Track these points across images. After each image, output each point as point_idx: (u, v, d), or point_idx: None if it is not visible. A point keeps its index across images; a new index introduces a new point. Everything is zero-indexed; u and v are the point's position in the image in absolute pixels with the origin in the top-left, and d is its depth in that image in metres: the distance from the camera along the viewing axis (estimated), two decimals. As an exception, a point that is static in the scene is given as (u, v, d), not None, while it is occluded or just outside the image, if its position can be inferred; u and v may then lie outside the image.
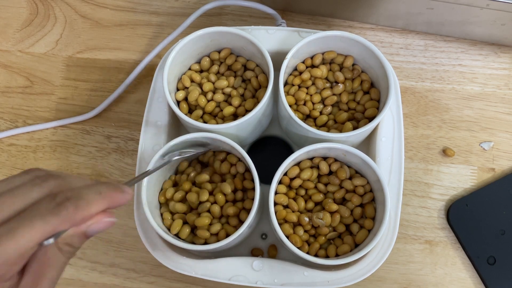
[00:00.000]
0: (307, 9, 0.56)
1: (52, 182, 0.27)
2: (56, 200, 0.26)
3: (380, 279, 0.49)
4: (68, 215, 0.26)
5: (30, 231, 0.24)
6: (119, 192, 0.29)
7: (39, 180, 0.27)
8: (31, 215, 0.25)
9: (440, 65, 0.55)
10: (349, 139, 0.43)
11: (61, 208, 0.25)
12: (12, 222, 0.25)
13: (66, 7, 0.60)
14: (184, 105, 0.46)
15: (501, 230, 0.49)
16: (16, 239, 0.24)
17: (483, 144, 0.52)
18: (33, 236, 0.24)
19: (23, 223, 0.25)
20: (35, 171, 0.28)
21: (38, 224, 0.25)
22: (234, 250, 0.46)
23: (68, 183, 0.28)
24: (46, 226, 0.25)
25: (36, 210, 0.25)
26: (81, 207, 0.26)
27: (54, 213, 0.25)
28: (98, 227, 0.28)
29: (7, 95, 0.57)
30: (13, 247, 0.24)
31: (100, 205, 0.27)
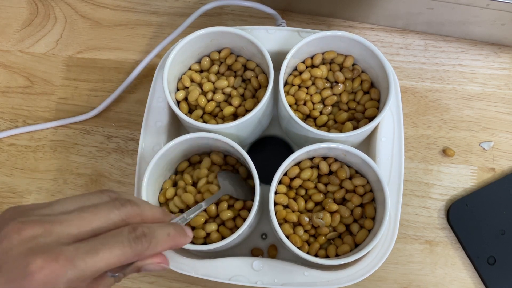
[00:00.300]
0: (307, 9, 0.56)
1: (129, 208, 0.29)
2: (136, 233, 0.28)
3: (380, 279, 0.49)
4: (142, 251, 0.28)
5: (108, 256, 0.26)
6: (183, 236, 0.31)
7: (118, 204, 0.29)
8: (113, 241, 0.27)
9: (440, 65, 0.55)
10: (349, 139, 0.43)
11: (138, 242, 0.28)
12: (95, 242, 0.26)
13: (66, 7, 0.60)
14: (184, 105, 0.46)
15: (501, 230, 0.49)
16: (96, 259, 0.26)
17: (483, 144, 0.52)
18: (109, 261, 0.26)
19: (106, 247, 0.26)
20: (110, 192, 0.30)
21: (117, 252, 0.26)
22: (234, 250, 0.46)
23: (143, 212, 0.30)
24: (122, 255, 0.27)
25: (117, 237, 0.27)
26: (153, 246, 0.28)
27: (132, 246, 0.27)
28: (153, 268, 0.30)
29: (7, 95, 0.57)
30: (91, 265, 0.26)
31: (166, 247, 0.30)
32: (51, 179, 0.54)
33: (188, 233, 0.32)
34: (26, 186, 0.54)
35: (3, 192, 0.54)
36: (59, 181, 0.54)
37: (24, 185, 0.54)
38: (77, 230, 0.27)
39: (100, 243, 0.26)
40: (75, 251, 0.25)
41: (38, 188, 0.53)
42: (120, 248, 0.27)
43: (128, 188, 0.53)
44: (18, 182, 0.54)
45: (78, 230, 0.27)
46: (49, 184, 0.54)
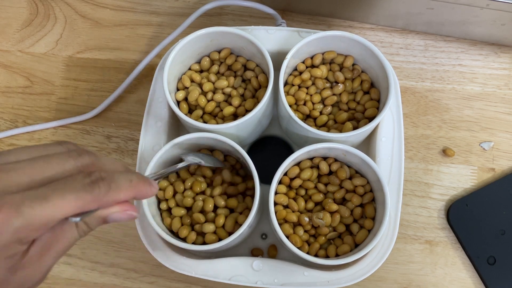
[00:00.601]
0: (307, 9, 0.56)
1: (86, 158, 0.27)
2: (91, 177, 0.26)
3: (380, 279, 0.49)
4: (100, 195, 0.26)
5: (61, 202, 0.24)
6: (147, 184, 0.29)
7: (74, 154, 0.27)
8: (65, 186, 0.25)
9: (440, 65, 0.55)
10: (349, 139, 0.43)
11: (95, 186, 0.25)
12: (45, 189, 0.24)
13: (66, 7, 0.60)
14: (184, 105, 0.46)
15: (501, 230, 0.49)
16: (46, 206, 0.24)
17: (483, 144, 0.52)
18: (63, 208, 0.24)
19: (56, 193, 0.24)
20: (68, 144, 0.28)
21: (70, 197, 0.24)
22: (234, 250, 0.46)
23: (102, 164, 0.28)
24: (77, 201, 0.25)
25: (70, 182, 0.25)
26: (113, 190, 0.26)
27: (87, 190, 0.25)
28: (119, 217, 0.28)
29: (7, 95, 0.57)
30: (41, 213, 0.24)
31: (129, 193, 0.27)
32: (51, 179, 0.54)
33: (152, 183, 0.29)
34: (26, 186, 0.54)
35: (3, 192, 0.54)
36: (59, 181, 0.53)
37: (24, 185, 0.54)
38: (27, 178, 0.25)
39: (51, 189, 0.24)
40: (21, 198, 0.23)
41: (38, 188, 0.53)
42: (74, 192, 0.25)
43: (128, 188, 0.53)
44: (18, 182, 0.54)
45: (29, 179, 0.25)
46: (49, 184, 0.53)
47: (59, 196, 0.24)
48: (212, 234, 0.42)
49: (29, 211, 0.23)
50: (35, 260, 0.26)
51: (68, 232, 0.27)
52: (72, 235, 0.27)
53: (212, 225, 0.42)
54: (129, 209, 0.28)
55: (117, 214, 0.28)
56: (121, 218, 0.28)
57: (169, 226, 0.43)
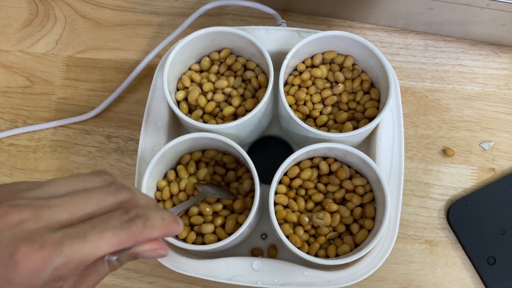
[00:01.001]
0: (307, 9, 0.56)
1: (124, 195, 0.28)
2: (129, 215, 0.26)
3: (380, 279, 0.49)
4: (136, 233, 0.26)
5: (100, 240, 0.25)
6: (176, 223, 0.30)
7: (113, 189, 0.28)
8: (104, 224, 0.25)
9: (440, 65, 0.55)
10: (349, 139, 0.43)
11: (132, 224, 0.26)
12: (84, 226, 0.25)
13: (66, 7, 0.60)
14: (184, 105, 0.46)
15: (501, 230, 0.49)
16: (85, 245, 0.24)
17: (483, 144, 0.52)
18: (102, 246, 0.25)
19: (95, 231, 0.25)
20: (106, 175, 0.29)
21: (108, 235, 0.25)
22: (234, 250, 0.46)
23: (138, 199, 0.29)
24: (115, 238, 0.25)
25: (108, 220, 0.26)
26: (148, 228, 0.27)
27: (125, 228, 0.26)
28: (150, 255, 0.29)
29: (7, 95, 0.57)
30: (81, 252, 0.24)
31: (161, 231, 0.28)
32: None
33: (180, 222, 0.31)
34: (26, 186, 0.54)
35: (3, 192, 0.54)
36: (59, 181, 0.53)
37: (24, 185, 0.54)
38: (68, 215, 0.25)
39: (90, 227, 0.25)
40: (62, 237, 0.24)
41: (38, 188, 0.53)
42: (112, 231, 0.25)
43: (128, 188, 0.53)
44: (18, 182, 0.54)
45: (69, 216, 0.25)
46: (49, 184, 0.53)
47: (98, 235, 0.25)
48: (212, 234, 0.42)
49: (69, 250, 0.24)
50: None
51: (100, 267, 0.27)
52: (103, 271, 0.27)
53: (211, 225, 0.42)
54: (159, 248, 0.29)
55: (149, 252, 0.28)
56: (152, 256, 0.29)
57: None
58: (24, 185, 0.27)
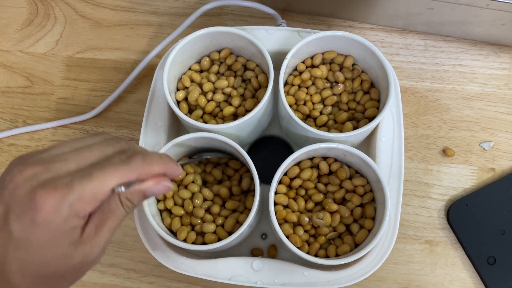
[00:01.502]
0: (307, 9, 0.56)
1: (123, 144, 0.31)
2: (127, 153, 0.30)
3: (380, 279, 0.49)
4: (137, 167, 0.29)
5: (104, 175, 0.28)
6: (175, 164, 0.33)
7: (113, 141, 0.31)
8: (106, 163, 0.29)
9: (440, 65, 0.55)
10: (349, 139, 0.43)
11: (131, 159, 0.30)
12: (89, 168, 0.28)
13: (66, 7, 0.60)
14: (184, 105, 0.46)
15: (501, 230, 0.49)
16: (92, 180, 0.28)
17: (483, 144, 0.52)
18: (106, 180, 0.28)
19: (99, 169, 0.28)
20: (105, 134, 0.32)
21: (111, 170, 0.28)
22: (234, 250, 0.46)
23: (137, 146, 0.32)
24: (117, 172, 0.29)
25: (110, 160, 0.29)
26: (147, 163, 0.30)
27: (125, 163, 0.29)
28: (157, 189, 0.31)
29: (7, 95, 0.57)
30: (90, 187, 0.28)
31: (161, 167, 0.31)
32: (51, 179, 0.54)
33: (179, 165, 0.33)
34: (26, 186, 0.54)
35: (3, 192, 0.54)
36: (59, 181, 0.53)
37: (24, 185, 0.54)
38: (75, 165, 0.29)
39: (94, 167, 0.28)
40: (71, 178, 0.27)
41: (38, 188, 0.53)
42: (113, 166, 0.29)
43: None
44: (18, 182, 0.54)
45: (76, 166, 0.29)
46: (49, 184, 0.53)
47: (102, 171, 0.28)
48: (212, 234, 0.42)
49: (79, 187, 0.27)
50: (92, 236, 0.29)
51: (116, 209, 0.29)
52: (119, 212, 0.30)
53: (212, 224, 0.42)
54: (163, 181, 0.31)
55: (154, 187, 0.31)
56: (158, 190, 0.31)
57: (168, 226, 0.43)
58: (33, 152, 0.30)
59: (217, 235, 0.42)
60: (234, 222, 0.42)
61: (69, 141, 0.31)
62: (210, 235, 0.42)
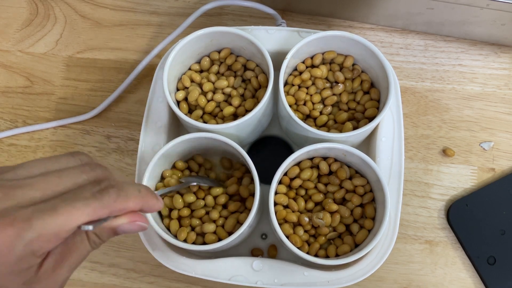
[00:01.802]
0: (307, 9, 0.56)
1: (99, 172, 0.28)
2: (100, 185, 0.26)
3: (380, 279, 0.49)
4: (109, 202, 0.26)
5: (71, 210, 0.24)
6: (154, 197, 0.29)
7: (87, 168, 0.27)
8: (74, 196, 0.25)
9: (440, 65, 0.55)
10: (349, 139, 0.43)
11: (104, 193, 0.26)
12: (54, 200, 0.25)
13: (66, 7, 0.60)
14: (184, 105, 0.46)
15: (501, 230, 0.49)
16: (56, 216, 0.24)
17: (483, 144, 0.52)
18: (73, 217, 0.25)
19: (66, 202, 0.25)
20: (81, 155, 0.28)
21: (79, 205, 0.25)
22: (234, 250, 0.46)
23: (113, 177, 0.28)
24: (87, 208, 0.25)
25: (80, 192, 0.26)
26: (122, 198, 0.27)
27: (97, 198, 0.26)
28: (129, 228, 0.28)
29: (7, 95, 0.57)
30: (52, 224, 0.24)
31: (137, 203, 0.28)
32: (51, 179, 0.54)
33: (159, 198, 0.30)
34: (26, 186, 0.54)
35: (3, 192, 0.54)
36: (59, 181, 0.53)
37: (24, 185, 0.54)
38: (40, 194, 0.25)
39: (60, 200, 0.25)
40: (32, 212, 0.24)
41: (38, 188, 0.53)
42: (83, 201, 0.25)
43: (128, 188, 0.53)
44: (18, 182, 0.54)
45: (41, 194, 0.25)
46: (49, 184, 0.53)
47: (69, 206, 0.25)
48: (212, 234, 0.42)
49: (39, 223, 0.24)
50: (49, 273, 0.26)
51: (80, 244, 0.27)
52: (84, 247, 0.27)
53: (212, 225, 0.42)
54: (138, 220, 0.28)
55: (127, 225, 0.28)
56: (130, 229, 0.28)
57: (167, 226, 0.43)
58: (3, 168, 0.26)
59: (217, 235, 0.42)
60: (234, 222, 0.42)
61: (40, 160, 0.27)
62: (210, 235, 0.42)
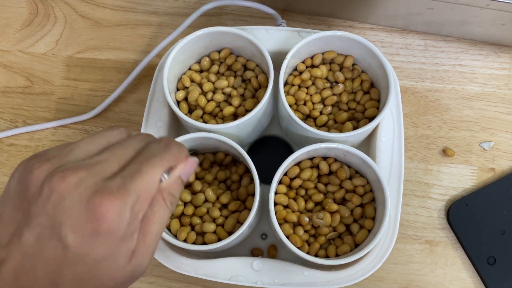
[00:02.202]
0: (307, 9, 0.56)
1: (144, 136, 0.31)
2: (163, 142, 0.30)
3: (380, 279, 0.49)
4: (175, 153, 0.30)
5: (152, 167, 0.27)
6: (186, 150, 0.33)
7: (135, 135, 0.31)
8: (148, 155, 0.28)
9: (440, 65, 0.55)
10: (349, 139, 0.43)
11: (169, 147, 0.30)
12: (133, 164, 0.27)
13: (66, 7, 0.60)
14: (184, 105, 0.46)
15: (501, 230, 0.49)
16: (143, 175, 0.27)
17: (483, 144, 0.52)
18: (156, 171, 0.28)
19: (145, 163, 0.28)
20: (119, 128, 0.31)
21: (157, 161, 0.28)
22: (234, 250, 0.46)
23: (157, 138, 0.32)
24: (162, 161, 0.28)
25: (150, 151, 0.29)
26: (182, 148, 0.31)
27: (165, 151, 0.29)
28: (189, 168, 0.31)
29: (7, 95, 0.57)
30: (144, 183, 0.27)
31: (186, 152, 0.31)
32: (51, 179, 0.54)
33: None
34: (26, 186, 0.54)
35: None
36: (59, 181, 0.53)
37: (24, 185, 0.54)
38: (117, 165, 0.27)
39: (139, 164, 0.27)
40: (122, 180, 0.26)
41: (38, 188, 0.53)
42: (158, 156, 0.28)
43: (128, 188, 0.53)
44: (18, 182, 0.54)
45: (118, 165, 0.27)
46: (49, 184, 0.53)
47: (149, 165, 0.28)
48: (212, 234, 0.42)
49: (134, 186, 0.26)
50: (143, 240, 0.27)
51: (159, 210, 0.28)
52: (164, 211, 0.29)
53: (212, 224, 0.42)
54: (189, 158, 0.31)
55: (185, 168, 0.31)
56: (190, 169, 0.31)
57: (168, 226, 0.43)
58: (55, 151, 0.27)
59: (217, 235, 0.42)
60: (234, 222, 0.42)
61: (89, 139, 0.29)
62: (210, 235, 0.42)
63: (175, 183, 0.30)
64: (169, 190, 0.29)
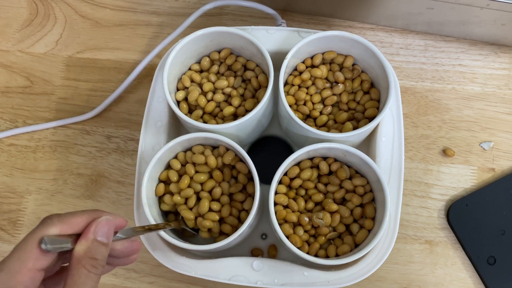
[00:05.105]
0: (307, 9, 0.56)
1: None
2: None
3: (380, 279, 0.49)
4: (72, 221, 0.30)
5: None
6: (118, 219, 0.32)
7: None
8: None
9: (440, 65, 0.55)
10: (349, 139, 0.43)
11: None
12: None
13: (66, 7, 0.60)
14: (184, 105, 0.46)
15: (501, 230, 0.49)
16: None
17: (483, 144, 0.52)
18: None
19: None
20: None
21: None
22: (234, 250, 0.46)
23: None
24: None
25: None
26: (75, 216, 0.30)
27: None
28: (102, 227, 0.30)
29: (7, 95, 0.57)
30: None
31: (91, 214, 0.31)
32: (51, 179, 0.54)
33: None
34: (26, 186, 0.54)
35: (3, 192, 0.54)
36: (59, 181, 0.54)
37: (24, 186, 0.54)
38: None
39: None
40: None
41: (38, 189, 0.53)
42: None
43: (128, 188, 0.53)
44: (18, 182, 0.54)
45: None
46: (49, 184, 0.54)
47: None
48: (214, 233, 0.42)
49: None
50: None
51: (79, 278, 0.29)
52: (85, 277, 0.29)
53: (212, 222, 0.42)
54: (102, 220, 0.31)
55: (97, 228, 0.30)
56: (105, 227, 0.31)
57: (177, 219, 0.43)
58: None
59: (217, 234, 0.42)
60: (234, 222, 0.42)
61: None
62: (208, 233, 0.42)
63: (92, 247, 0.29)
64: (88, 256, 0.29)
